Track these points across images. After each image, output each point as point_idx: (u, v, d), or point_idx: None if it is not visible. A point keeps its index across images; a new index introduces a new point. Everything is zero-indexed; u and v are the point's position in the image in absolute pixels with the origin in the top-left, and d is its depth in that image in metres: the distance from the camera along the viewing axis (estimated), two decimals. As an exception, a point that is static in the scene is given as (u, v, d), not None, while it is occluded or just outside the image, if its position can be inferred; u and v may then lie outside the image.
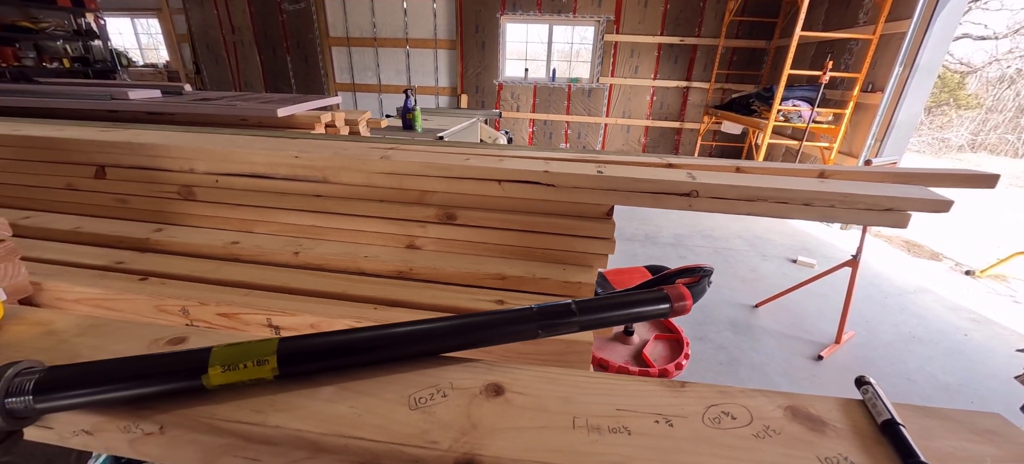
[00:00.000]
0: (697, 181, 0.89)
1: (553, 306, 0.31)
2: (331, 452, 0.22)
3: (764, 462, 0.22)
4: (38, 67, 5.07)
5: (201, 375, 0.24)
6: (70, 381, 0.23)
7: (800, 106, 4.08)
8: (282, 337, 0.26)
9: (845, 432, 0.24)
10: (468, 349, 0.29)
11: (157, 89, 2.24)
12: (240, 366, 0.24)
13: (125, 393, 0.23)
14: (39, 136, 1.12)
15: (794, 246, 3.61)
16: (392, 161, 0.95)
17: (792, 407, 0.26)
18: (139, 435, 0.24)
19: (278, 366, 0.25)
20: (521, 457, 0.21)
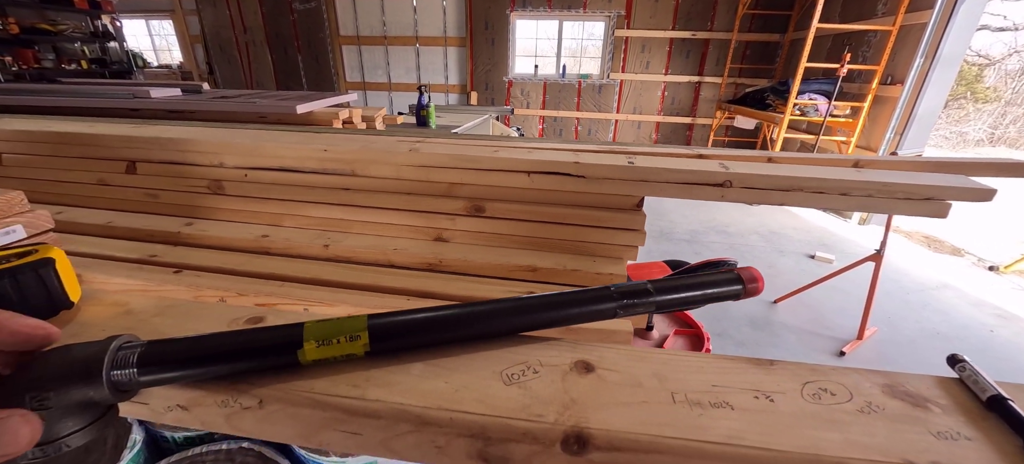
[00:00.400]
0: (730, 171, 0.88)
1: (632, 286, 0.30)
2: (436, 425, 0.22)
3: (878, 435, 0.21)
4: (57, 69, 5.17)
5: (297, 350, 0.24)
6: (172, 355, 0.23)
7: (816, 100, 4.02)
8: (370, 314, 0.26)
9: (949, 408, 0.24)
10: (549, 327, 0.29)
11: (177, 88, 2.27)
12: (334, 342, 0.24)
13: (225, 368, 0.23)
14: (71, 132, 1.14)
15: (811, 242, 3.56)
16: (421, 154, 0.95)
17: (889, 385, 0.25)
18: (237, 409, 0.24)
19: (369, 342, 0.25)
20: (633, 430, 0.21)
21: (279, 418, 0.23)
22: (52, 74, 5.02)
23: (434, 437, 0.22)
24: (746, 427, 0.22)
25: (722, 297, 0.34)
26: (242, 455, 1.06)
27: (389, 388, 0.23)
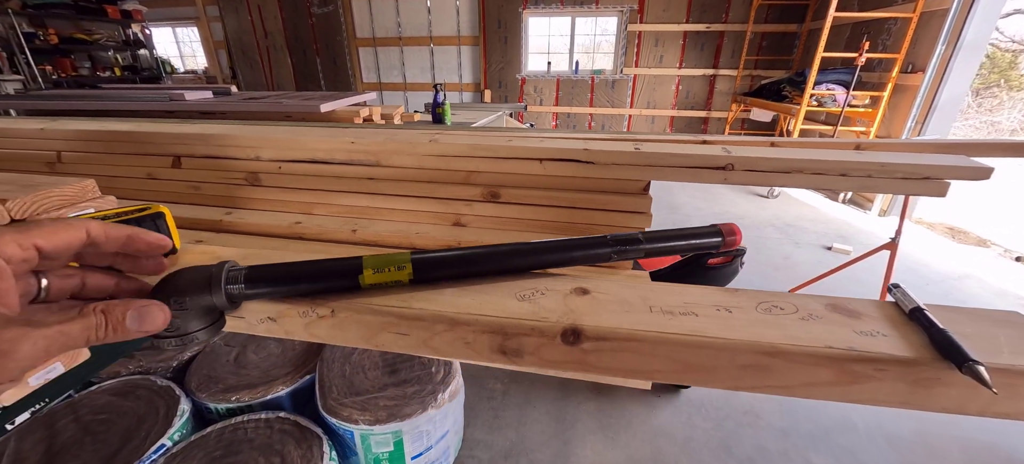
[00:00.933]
0: (733, 155, 0.92)
1: (626, 235, 0.37)
2: (465, 325, 0.28)
3: (811, 333, 0.27)
4: (93, 76, 5.44)
5: (358, 276, 0.31)
6: (269, 274, 0.30)
7: (834, 90, 3.97)
8: (413, 250, 0.33)
9: (878, 318, 0.29)
10: (556, 267, 0.35)
11: (209, 91, 2.40)
12: (385, 270, 0.31)
13: (306, 286, 0.31)
14: (124, 130, 1.24)
15: (829, 233, 3.52)
16: (440, 144, 1.02)
17: (832, 304, 0.31)
18: (314, 319, 0.31)
19: (412, 272, 0.32)
20: (613, 325, 0.27)
21: (347, 324, 0.30)
22: (88, 81, 5.30)
23: (464, 334, 0.29)
24: (706, 326, 0.28)
25: (703, 247, 0.40)
26: (279, 423, 1.16)
27: (428, 302, 0.30)
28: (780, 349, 0.26)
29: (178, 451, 1.08)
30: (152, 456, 1.08)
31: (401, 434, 1.17)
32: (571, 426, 1.68)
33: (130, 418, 1.17)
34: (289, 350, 1.44)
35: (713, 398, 1.81)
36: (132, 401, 1.22)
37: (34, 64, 4.64)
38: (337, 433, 1.18)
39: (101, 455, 1.07)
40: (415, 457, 1.24)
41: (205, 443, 1.11)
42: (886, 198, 3.88)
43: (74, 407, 1.21)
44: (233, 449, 1.09)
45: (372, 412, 1.17)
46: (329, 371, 1.30)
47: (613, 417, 1.71)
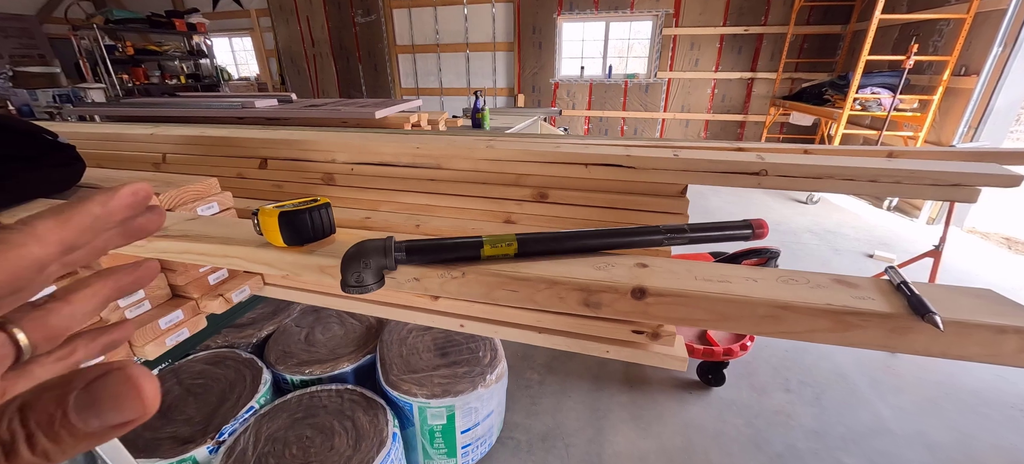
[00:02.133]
0: (766, 161, 1.00)
1: (674, 226, 0.47)
2: (560, 284, 0.40)
3: (815, 295, 0.37)
4: (161, 84, 5.95)
5: (480, 249, 0.43)
6: (420, 248, 0.43)
7: (880, 93, 3.86)
8: (518, 233, 0.45)
9: (871, 288, 0.39)
10: (620, 248, 0.46)
11: (274, 98, 2.64)
12: (499, 246, 0.43)
13: (444, 256, 0.43)
14: (220, 136, 1.44)
15: (870, 241, 3.44)
16: (495, 149, 1.15)
17: (837, 278, 0.41)
18: (448, 279, 0.43)
19: (517, 248, 0.44)
20: (670, 286, 0.38)
21: (472, 283, 0.43)
22: (157, 89, 5.80)
23: (558, 291, 0.40)
24: (735, 288, 0.38)
25: (736, 238, 0.50)
26: (349, 394, 1.31)
27: (531, 269, 0.42)
28: (790, 304, 0.36)
29: (266, 412, 1.26)
30: (244, 415, 1.25)
31: (454, 409, 1.31)
32: (604, 415, 1.77)
33: (223, 383, 1.36)
34: (351, 332, 1.61)
35: (744, 397, 1.86)
36: (223, 369, 1.41)
37: (113, 73, 5.14)
38: (397, 405, 1.33)
39: (203, 413, 1.25)
40: (464, 431, 1.37)
41: (287, 406, 1.28)
42: (935, 205, 3.74)
43: (176, 372, 1.41)
44: (312, 412, 1.25)
45: (428, 387, 1.30)
46: (388, 351, 1.45)
47: (645, 409, 1.79)
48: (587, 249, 0.46)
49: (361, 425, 1.21)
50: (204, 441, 1.13)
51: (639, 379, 1.94)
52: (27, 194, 0.77)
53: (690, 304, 0.38)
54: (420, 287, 0.45)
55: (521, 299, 0.42)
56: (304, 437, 1.18)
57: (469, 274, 0.42)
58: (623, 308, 0.39)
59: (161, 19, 5.54)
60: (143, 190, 0.23)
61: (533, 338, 1.00)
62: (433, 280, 0.44)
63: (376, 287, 0.43)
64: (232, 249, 0.52)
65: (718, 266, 0.43)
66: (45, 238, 0.19)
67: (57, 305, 0.21)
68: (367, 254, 0.41)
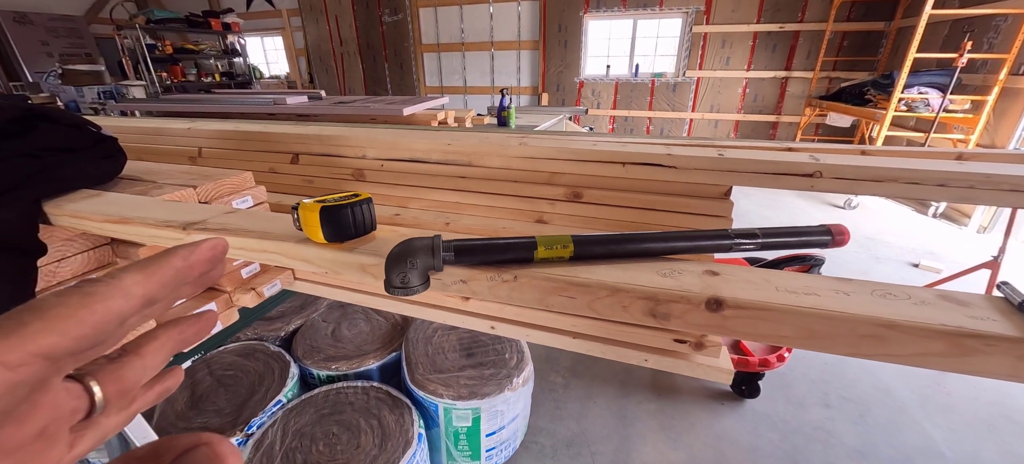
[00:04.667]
0: (820, 162, 0.94)
1: (744, 230, 0.43)
2: (624, 292, 0.36)
3: (924, 313, 0.32)
4: (198, 81, 6.17)
5: (534, 251, 0.40)
6: (469, 248, 0.40)
7: (928, 93, 3.64)
8: (573, 234, 0.41)
9: (987, 308, 0.34)
10: (687, 253, 0.42)
11: (305, 96, 2.68)
12: (554, 248, 0.40)
13: (495, 257, 0.40)
14: (254, 131, 1.45)
15: (916, 250, 3.25)
16: (528, 146, 1.12)
17: (942, 294, 0.36)
18: (498, 282, 0.40)
19: (574, 250, 0.40)
20: (751, 298, 0.34)
21: (525, 288, 0.39)
22: (193, 86, 6.01)
23: (622, 300, 0.37)
24: (827, 303, 0.34)
25: (813, 244, 0.45)
26: (375, 392, 1.30)
27: (590, 273, 0.38)
28: (896, 323, 0.31)
29: (293, 406, 1.26)
30: (272, 408, 1.26)
31: (479, 411, 1.28)
32: (632, 423, 1.71)
33: (252, 375, 1.37)
34: (377, 328, 1.61)
35: (780, 411, 1.77)
36: (252, 361, 1.43)
37: (153, 71, 5.35)
38: (423, 405, 1.31)
39: (233, 404, 1.27)
40: (489, 434, 1.35)
41: (314, 401, 1.28)
42: (987, 213, 3.51)
43: (208, 363, 1.43)
44: (338, 409, 1.25)
45: (455, 389, 1.28)
46: (414, 350, 1.44)
47: (675, 419, 1.73)
48: (649, 253, 0.42)
49: (387, 424, 1.20)
50: (233, 433, 1.14)
51: (668, 387, 1.87)
52: (72, 184, 0.78)
53: (775, 319, 0.34)
54: (467, 290, 0.42)
55: (578, 307, 0.38)
56: (330, 433, 1.17)
57: (521, 277, 0.39)
58: (696, 320, 0.35)
59: (198, 19, 5.74)
60: (221, 245, 0.24)
61: (566, 343, 0.96)
62: (482, 283, 0.41)
63: (422, 289, 0.40)
64: (271, 244, 0.50)
65: (799, 276, 0.39)
66: (130, 292, 0.19)
67: (131, 359, 0.20)
68: (413, 254, 0.39)
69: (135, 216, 0.60)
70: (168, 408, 1.22)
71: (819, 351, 0.34)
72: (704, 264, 0.41)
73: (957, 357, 0.31)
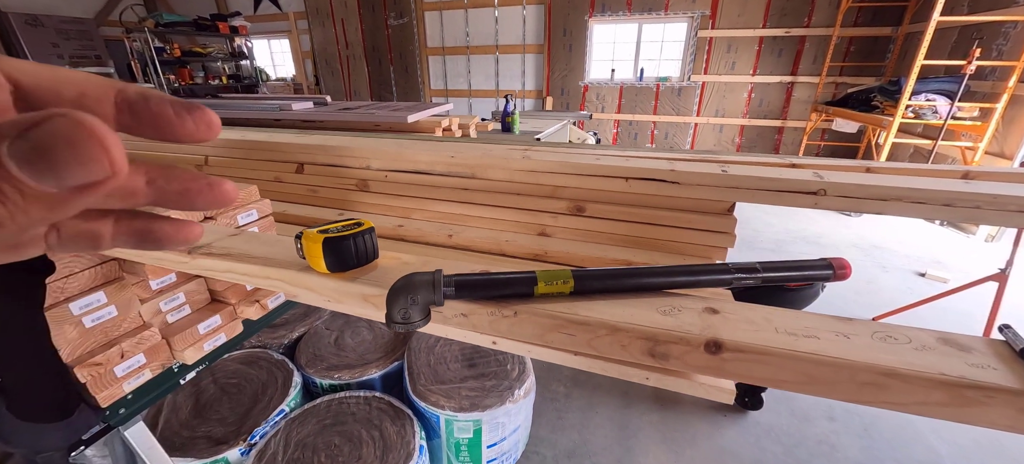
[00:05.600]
0: (825, 180, 0.93)
1: (745, 264, 0.43)
2: (624, 331, 0.36)
3: (925, 360, 0.32)
4: (205, 84, 6.22)
5: (534, 286, 0.40)
6: (469, 284, 0.40)
7: (935, 100, 3.61)
8: (573, 268, 0.41)
9: (988, 353, 0.33)
10: (686, 287, 0.42)
11: (310, 101, 2.70)
12: (554, 283, 0.40)
13: (495, 293, 0.40)
14: (260, 140, 1.47)
15: (922, 259, 3.22)
16: (532, 160, 1.12)
17: (943, 338, 0.35)
18: (498, 317, 0.40)
19: (574, 285, 0.40)
20: (752, 342, 0.34)
21: (525, 324, 0.40)
22: (201, 89, 6.06)
23: (621, 339, 0.37)
24: (827, 348, 0.33)
25: (815, 278, 0.45)
26: (377, 402, 1.31)
27: (590, 311, 0.38)
28: (897, 371, 0.31)
29: (296, 416, 1.27)
30: (275, 418, 1.27)
31: (481, 423, 1.28)
32: (634, 434, 1.71)
33: (255, 384, 1.38)
34: (380, 337, 1.61)
35: (783, 423, 1.76)
36: (256, 369, 1.44)
37: (161, 74, 5.41)
38: (424, 416, 1.31)
39: (237, 413, 1.27)
40: (490, 446, 1.35)
41: (317, 412, 1.28)
42: (996, 222, 3.46)
43: (212, 371, 1.44)
44: (340, 419, 1.25)
45: (456, 400, 1.28)
46: (416, 360, 1.44)
47: (677, 430, 1.72)
48: (649, 288, 0.42)
49: (388, 435, 1.20)
50: (236, 443, 1.15)
51: (670, 398, 1.86)
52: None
53: (774, 364, 0.34)
54: (467, 324, 0.42)
55: (578, 344, 0.38)
56: (332, 445, 1.18)
57: (522, 313, 0.39)
58: (695, 362, 0.35)
59: (206, 22, 5.79)
60: (196, 231, 0.23)
61: (569, 360, 0.96)
62: (482, 317, 0.41)
63: (422, 324, 0.40)
64: (274, 271, 0.50)
65: (800, 314, 0.39)
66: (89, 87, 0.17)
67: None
68: (414, 289, 0.39)
69: (141, 237, 0.61)
70: (172, 416, 1.23)
71: (818, 396, 0.34)
72: (705, 299, 0.41)
73: (957, 407, 0.31)
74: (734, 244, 1.02)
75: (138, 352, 0.84)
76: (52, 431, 0.70)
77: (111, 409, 0.84)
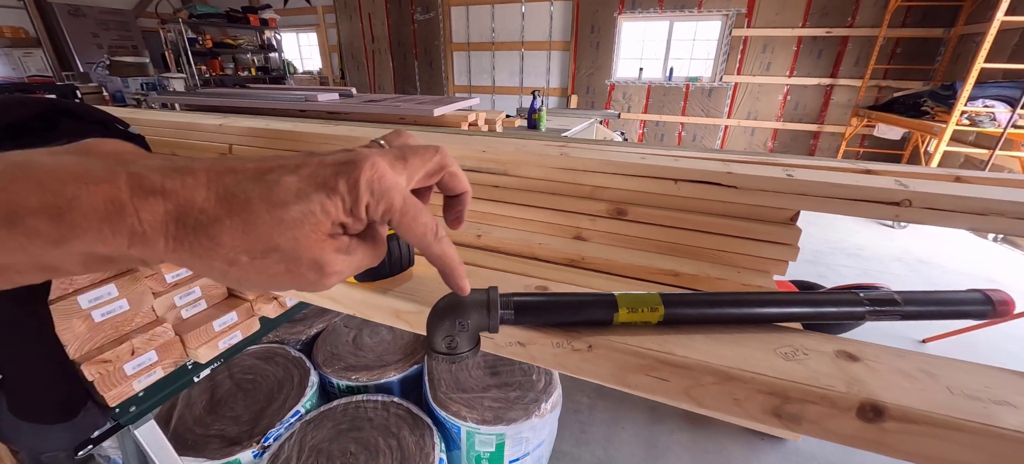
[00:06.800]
0: (909, 189, 0.82)
1: (879, 293, 0.34)
2: (740, 381, 0.28)
3: None
4: (235, 75, 6.33)
5: (614, 313, 0.31)
6: (533, 306, 0.32)
7: (994, 107, 3.36)
8: (661, 293, 0.33)
9: None
10: (803, 321, 0.33)
11: (336, 93, 2.67)
12: (639, 310, 0.31)
13: (564, 318, 0.32)
14: (284, 129, 1.42)
15: (975, 276, 2.99)
16: (570, 157, 1.03)
17: None
18: (567, 350, 0.32)
19: (664, 313, 0.31)
20: (924, 408, 0.25)
21: (601, 361, 0.31)
22: (231, 80, 6.17)
23: (734, 391, 0.28)
24: (1039, 423, 0.24)
25: (969, 314, 0.35)
26: (395, 408, 1.24)
27: (689, 349, 0.30)
28: None
29: (311, 419, 1.21)
30: (290, 419, 1.22)
31: (504, 437, 1.20)
32: (662, 454, 1.60)
33: (272, 381, 1.34)
34: (399, 338, 1.55)
35: (826, 452, 1.63)
36: (272, 366, 1.39)
37: (193, 64, 5.52)
38: (444, 426, 1.24)
39: (252, 411, 1.23)
40: (512, 460, 1.27)
41: (333, 414, 1.23)
42: (1060, 240, 3.20)
43: (228, 366, 1.41)
44: (356, 424, 1.19)
45: (479, 411, 1.21)
46: (437, 365, 1.37)
47: (710, 453, 1.61)
48: (757, 320, 0.33)
49: (407, 445, 1.14)
50: (250, 444, 1.10)
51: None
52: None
53: (963, 443, 0.24)
54: (524, 354, 0.34)
55: (671, 392, 0.30)
56: (348, 452, 1.12)
57: (598, 348, 0.31)
58: (841, 430, 0.26)
59: (238, 14, 5.88)
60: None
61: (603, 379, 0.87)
62: (545, 349, 0.33)
63: (471, 355, 0.32)
64: (291, 275, 0.43)
65: (969, 367, 0.29)
66: (446, 162, 0.29)
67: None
68: (464, 311, 0.31)
69: (149, 229, 0.55)
70: (186, 412, 1.19)
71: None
72: (831, 340, 0.32)
73: None
74: (797, 257, 0.91)
75: (149, 349, 0.79)
76: (55, 432, 0.65)
77: (121, 407, 0.80)
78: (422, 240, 0.26)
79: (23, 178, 0.18)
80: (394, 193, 0.24)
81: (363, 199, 0.23)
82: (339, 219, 0.23)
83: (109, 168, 0.20)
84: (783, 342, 0.31)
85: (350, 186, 0.22)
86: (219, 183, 0.21)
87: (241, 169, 0.22)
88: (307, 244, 0.22)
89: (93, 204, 0.19)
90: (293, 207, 0.21)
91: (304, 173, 0.22)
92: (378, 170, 0.23)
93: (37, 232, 0.18)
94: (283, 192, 0.21)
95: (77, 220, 0.18)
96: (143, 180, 0.20)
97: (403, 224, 0.24)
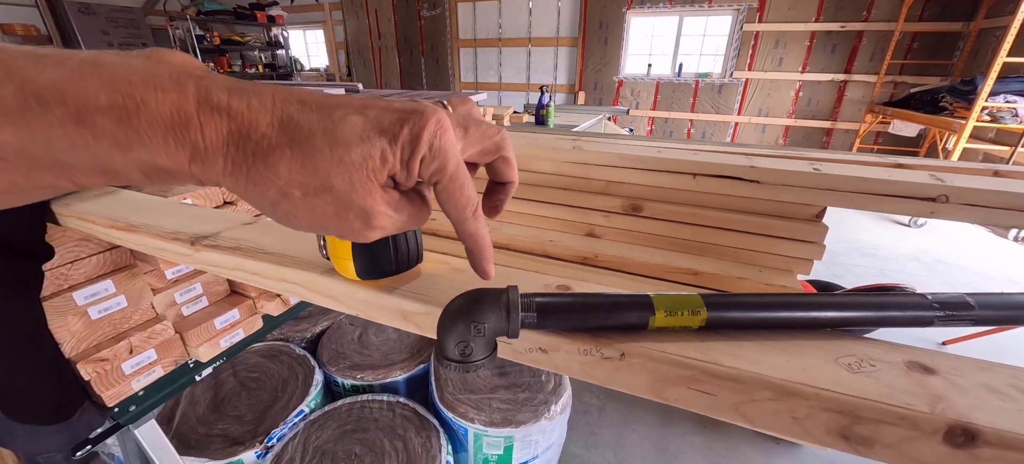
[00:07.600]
0: (946, 184, 0.77)
1: (950, 297, 0.30)
2: (800, 397, 0.24)
3: None
4: (242, 72, 6.35)
5: (649, 316, 0.28)
6: (559, 308, 0.28)
7: (1016, 102, 3.26)
8: (702, 293, 0.29)
9: None
10: (866, 326, 0.29)
11: (342, 88, 2.65)
12: (678, 313, 0.28)
13: (591, 323, 0.28)
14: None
15: (995, 277, 2.91)
16: (583, 151, 0.99)
17: None
18: (596, 358, 0.28)
19: (707, 316, 0.28)
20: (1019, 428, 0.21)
21: (636, 371, 0.27)
22: (238, 77, 6.19)
23: (794, 408, 0.24)
24: None
25: (1052, 320, 0.31)
26: (401, 409, 1.21)
27: (737, 358, 0.26)
28: None
29: (315, 419, 1.19)
30: (294, 419, 1.19)
31: (512, 440, 1.17)
32: (674, 458, 1.56)
33: (276, 379, 1.32)
34: (405, 337, 1.52)
35: (845, 457, 1.57)
36: (276, 364, 1.37)
37: (201, 60, 5.54)
38: (451, 427, 1.21)
39: (256, 410, 1.21)
40: None
41: (338, 414, 1.20)
42: (1085, 240, 3.10)
43: (232, 364, 1.39)
44: (361, 425, 1.17)
45: (487, 413, 1.18)
46: (444, 364, 1.34)
47: (723, 457, 1.56)
48: (815, 324, 0.29)
49: (412, 447, 1.11)
50: (253, 445, 1.08)
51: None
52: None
53: (1081, 477, 0.20)
54: (547, 362, 0.31)
55: (718, 407, 0.26)
56: (352, 454, 1.09)
57: (632, 357, 0.27)
58: (922, 454, 0.23)
59: (245, 11, 5.89)
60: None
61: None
62: (571, 356, 0.29)
63: (487, 363, 0.29)
64: (290, 272, 0.40)
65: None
66: (505, 146, 0.29)
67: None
68: (480, 314, 0.27)
69: (142, 223, 0.52)
70: (190, 410, 1.17)
71: None
72: (898, 349, 0.28)
73: None
74: (822, 256, 0.87)
75: (149, 347, 0.77)
76: (50, 434, 0.63)
77: (120, 407, 0.77)
78: (462, 213, 0.26)
79: (93, 75, 0.18)
80: (450, 155, 0.23)
81: (420, 152, 0.22)
82: (394, 169, 0.22)
83: (178, 78, 0.19)
84: (843, 350, 0.27)
85: (412, 136, 0.21)
86: (284, 110, 0.21)
87: (309, 99, 0.21)
88: (361, 190, 0.21)
89: (160, 111, 0.19)
90: (355, 148, 0.21)
91: (370, 115, 0.21)
92: (442, 126, 0.22)
93: (104, 132, 0.18)
94: (348, 131, 0.21)
95: (143, 126, 0.18)
96: (210, 95, 0.20)
97: (449, 189, 0.24)
